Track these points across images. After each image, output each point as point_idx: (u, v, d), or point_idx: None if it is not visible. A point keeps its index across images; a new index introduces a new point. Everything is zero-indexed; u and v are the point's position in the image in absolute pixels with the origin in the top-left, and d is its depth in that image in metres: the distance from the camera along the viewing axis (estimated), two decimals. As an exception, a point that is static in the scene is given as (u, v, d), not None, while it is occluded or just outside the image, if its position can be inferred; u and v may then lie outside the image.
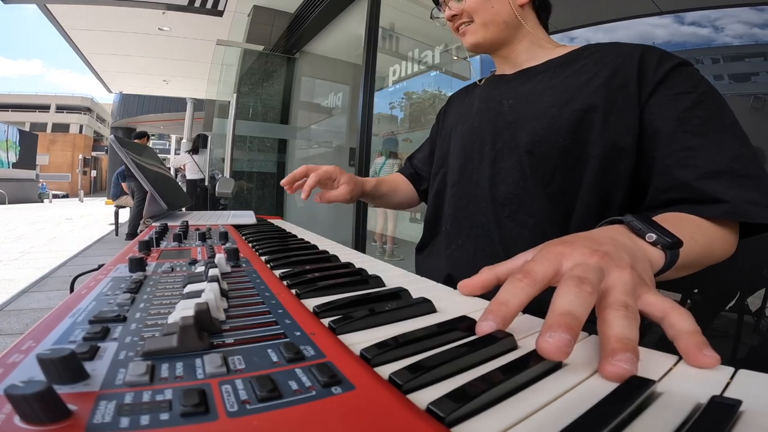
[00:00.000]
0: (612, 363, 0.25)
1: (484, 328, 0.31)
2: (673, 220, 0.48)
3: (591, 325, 0.30)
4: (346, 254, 0.66)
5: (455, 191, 0.76)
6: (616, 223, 0.44)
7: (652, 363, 0.27)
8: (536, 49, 0.73)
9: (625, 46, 0.62)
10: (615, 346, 0.26)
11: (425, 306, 0.38)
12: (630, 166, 0.59)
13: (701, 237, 0.49)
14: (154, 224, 0.89)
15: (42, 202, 14.63)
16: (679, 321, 0.30)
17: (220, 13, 4.59)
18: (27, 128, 20.89)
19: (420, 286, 0.48)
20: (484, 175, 0.70)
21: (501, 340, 0.29)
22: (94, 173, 26.27)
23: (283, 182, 0.84)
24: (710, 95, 0.56)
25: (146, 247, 0.59)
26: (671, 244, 0.41)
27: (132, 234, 4.97)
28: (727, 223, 0.52)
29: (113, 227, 5.95)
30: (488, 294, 0.41)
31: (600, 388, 0.23)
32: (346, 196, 0.85)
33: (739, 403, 0.21)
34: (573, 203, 0.61)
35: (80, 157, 22.15)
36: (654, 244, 0.41)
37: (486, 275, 0.41)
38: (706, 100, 0.55)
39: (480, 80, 0.83)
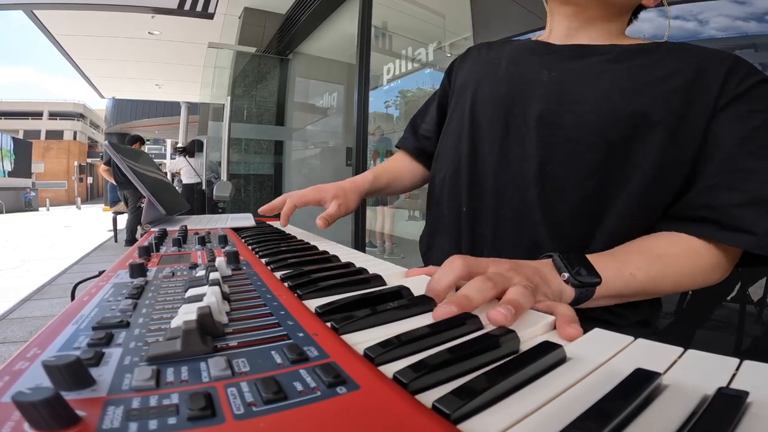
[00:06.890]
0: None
1: (441, 313, 0.35)
2: (625, 255, 0.52)
3: (593, 320, 0.30)
4: (347, 254, 0.65)
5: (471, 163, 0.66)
6: (549, 257, 0.50)
7: (656, 355, 0.27)
8: (612, 36, 0.64)
9: (714, 52, 0.56)
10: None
11: (427, 304, 0.38)
12: (684, 177, 0.55)
13: (653, 271, 0.50)
14: (153, 229, 0.89)
15: (37, 210, 14.54)
16: (560, 308, 0.37)
17: (211, 16, 4.55)
18: (21, 136, 20.70)
19: (421, 284, 0.48)
20: (511, 152, 0.62)
21: (504, 336, 0.29)
22: (90, 180, 26.11)
23: (261, 210, 0.84)
24: None
25: (146, 252, 0.59)
26: (579, 284, 0.47)
27: (130, 240, 4.96)
28: (728, 252, 0.52)
29: (112, 234, 5.94)
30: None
31: (605, 382, 0.23)
32: (341, 210, 0.79)
33: (746, 394, 0.21)
34: (607, 202, 0.56)
35: (75, 163, 22.02)
36: (566, 281, 0.47)
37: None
38: None
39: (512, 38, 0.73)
